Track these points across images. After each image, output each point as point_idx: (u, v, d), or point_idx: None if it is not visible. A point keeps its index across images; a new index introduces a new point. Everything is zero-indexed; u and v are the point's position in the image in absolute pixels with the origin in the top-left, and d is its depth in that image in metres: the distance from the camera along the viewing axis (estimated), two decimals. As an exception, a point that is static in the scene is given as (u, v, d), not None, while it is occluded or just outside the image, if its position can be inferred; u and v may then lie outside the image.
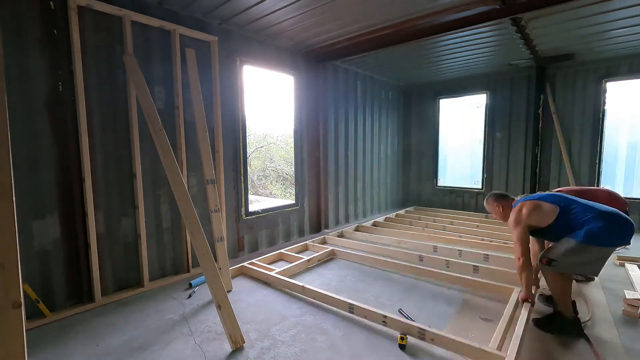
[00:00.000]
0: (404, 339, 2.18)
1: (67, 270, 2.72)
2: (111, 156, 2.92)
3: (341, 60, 5.06)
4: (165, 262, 3.35)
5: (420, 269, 3.39)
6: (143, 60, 3.07)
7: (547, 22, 3.78)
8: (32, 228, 2.52)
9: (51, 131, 2.59)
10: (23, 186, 2.45)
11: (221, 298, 2.29)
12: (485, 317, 2.57)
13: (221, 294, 2.30)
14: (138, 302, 2.87)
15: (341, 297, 2.67)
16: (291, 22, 3.64)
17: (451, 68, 5.78)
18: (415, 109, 7.35)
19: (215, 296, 2.29)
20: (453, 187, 6.93)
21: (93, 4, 2.71)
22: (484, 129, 6.46)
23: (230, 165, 3.89)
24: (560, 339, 2.27)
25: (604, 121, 5.34)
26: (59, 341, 2.30)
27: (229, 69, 3.81)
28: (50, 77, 2.57)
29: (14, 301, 1.29)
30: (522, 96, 5.96)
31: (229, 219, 3.87)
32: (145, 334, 2.38)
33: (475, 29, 3.89)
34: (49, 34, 2.56)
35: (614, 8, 3.40)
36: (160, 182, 3.24)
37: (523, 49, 4.65)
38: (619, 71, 5.17)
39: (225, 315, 2.24)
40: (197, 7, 3.27)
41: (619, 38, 4.27)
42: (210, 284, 2.33)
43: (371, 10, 3.40)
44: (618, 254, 3.89)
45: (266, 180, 11.53)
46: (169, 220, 3.36)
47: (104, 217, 2.90)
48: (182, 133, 3.34)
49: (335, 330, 2.41)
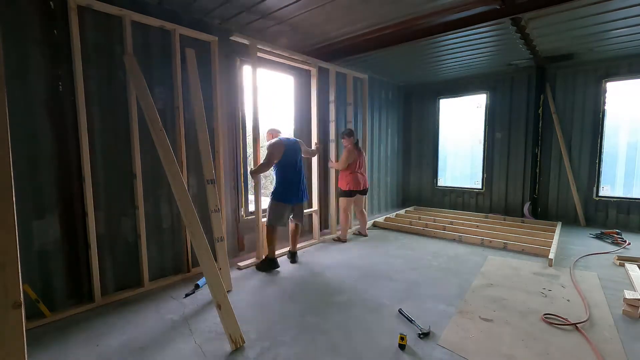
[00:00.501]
0: (404, 339, 2.18)
1: (67, 270, 2.72)
2: (111, 156, 2.92)
3: (341, 60, 5.05)
4: (165, 262, 3.35)
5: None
6: (143, 60, 3.07)
7: (547, 22, 3.78)
8: (32, 228, 2.52)
9: (51, 131, 2.59)
10: (23, 186, 2.45)
11: (221, 298, 2.29)
12: (485, 317, 2.57)
13: (221, 294, 2.30)
14: (138, 302, 2.87)
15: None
16: (291, 22, 3.64)
17: (451, 68, 5.78)
18: (416, 109, 7.35)
19: (215, 296, 2.29)
20: (453, 187, 6.93)
21: (93, 4, 2.71)
22: (484, 129, 6.46)
23: (230, 165, 3.89)
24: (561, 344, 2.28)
25: (604, 121, 5.35)
26: (59, 341, 2.30)
27: (229, 69, 3.81)
28: (50, 77, 2.57)
29: (14, 301, 1.30)
30: (522, 96, 5.96)
31: (229, 219, 3.87)
32: (145, 334, 2.38)
33: (475, 29, 3.89)
34: (49, 34, 2.56)
35: (614, 8, 3.40)
36: (160, 182, 3.24)
37: (523, 49, 4.65)
38: (619, 71, 5.17)
39: (225, 315, 2.24)
40: (197, 7, 3.27)
41: (619, 38, 4.27)
42: (210, 284, 2.33)
43: (371, 10, 3.40)
44: (618, 254, 3.89)
45: (266, 180, 11.52)
46: (169, 220, 3.36)
47: (104, 217, 2.89)
48: (182, 133, 3.34)
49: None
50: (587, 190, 5.52)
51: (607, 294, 2.95)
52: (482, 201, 6.57)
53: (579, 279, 3.29)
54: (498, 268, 3.61)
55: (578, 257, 3.91)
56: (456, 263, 3.79)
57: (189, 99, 3.38)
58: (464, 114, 6.80)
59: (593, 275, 3.37)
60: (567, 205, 5.72)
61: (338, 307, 2.77)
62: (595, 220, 5.50)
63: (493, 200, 6.43)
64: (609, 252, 4.10)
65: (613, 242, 4.49)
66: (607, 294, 2.94)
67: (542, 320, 2.51)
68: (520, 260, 3.85)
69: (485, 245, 4.41)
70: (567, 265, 3.67)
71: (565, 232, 5.11)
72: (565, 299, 2.87)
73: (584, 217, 5.52)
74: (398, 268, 3.64)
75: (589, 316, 2.54)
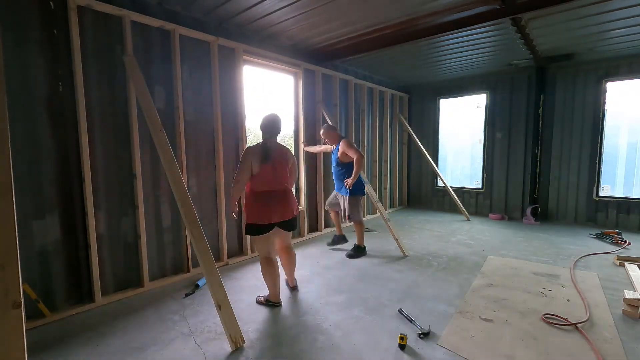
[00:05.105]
0: (404, 339, 2.18)
1: (67, 270, 2.72)
2: (111, 156, 2.92)
3: (341, 60, 5.06)
4: (165, 262, 3.35)
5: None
6: (143, 60, 3.07)
7: (547, 22, 3.78)
8: (32, 228, 2.52)
9: (51, 131, 2.59)
10: (23, 186, 2.45)
11: (221, 298, 2.28)
12: (485, 317, 2.57)
13: (221, 294, 2.30)
14: (138, 302, 2.87)
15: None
16: (291, 22, 3.64)
17: (451, 68, 5.78)
18: (416, 109, 7.35)
19: (215, 296, 2.29)
20: (453, 187, 6.93)
21: (93, 4, 2.71)
22: (484, 129, 6.46)
23: (230, 165, 3.89)
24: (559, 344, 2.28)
25: (604, 121, 5.35)
26: (59, 341, 2.30)
27: (229, 68, 3.80)
28: (50, 77, 2.57)
29: (14, 301, 1.30)
30: (522, 96, 5.96)
31: (229, 219, 3.87)
32: (145, 334, 2.38)
33: (476, 29, 3.89)
34: (49, 34, 2.55)
35: (614, 8, 3.40)
36: (160, 182, 3.24)
37: (523, 49, 4.65)
38: (619, 71, 5.17)
39: (225, 315, 2.24)
40: (197, 7, 3.27)
41: (619, 38, 4.27)
42: (210, 284, 2.33)
43: (371, 10, 3.40)
44: (618, 254, 3.89)
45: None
46: (169, 220, 3.35)
47: (104, 217, 2.89)
48: (182, 133, 3.33)
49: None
50: (587, 190, 5.53)
51: (607, 294, 2.95)
52: (482, 201, 6.58)
53: (579, 279, 3.29)
54: (498, 268, 3.61)
55: (578, 257, 3.91)
56: (456, 263, 3.79)
57: (189, 99, 3.38)
58: (464, 114, 6.80)
59: (593, 275, 3.37)
60: (567, 205, 5.72)
61: (338, 306, 2.77)
62: (595, 220, 5.50)
63: (493, 200, 6.43)
64: (609, 252, 4.10)
65: (613, 242, 4.49)
66: (607, 294, 2.94)
67: (542, 320, 2.51)
68: (520, 260, 3.85)
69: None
70: (567, 265, 3.67)
71: (566, 232, 5.11)
72: (565, 299, 2.87)
73: (584, 217, 5.52)
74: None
75: (589, 316, 2.54)
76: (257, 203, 2.58)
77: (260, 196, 2.59)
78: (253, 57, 4.01)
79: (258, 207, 2.58)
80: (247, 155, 2.58)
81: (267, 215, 2.57)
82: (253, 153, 2.58)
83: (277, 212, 2.61)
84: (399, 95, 7.07)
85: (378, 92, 6.34)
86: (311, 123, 4.91)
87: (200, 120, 3.55)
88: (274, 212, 2.59)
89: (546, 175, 5.89)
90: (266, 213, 2.57)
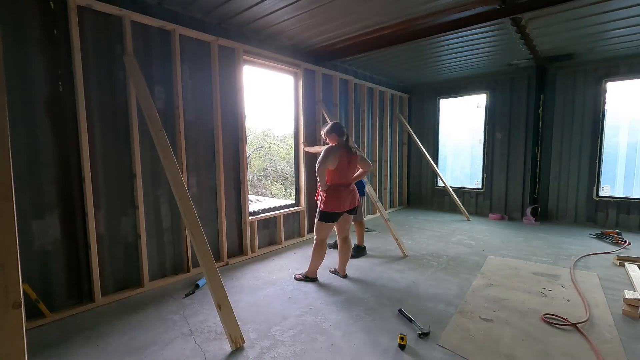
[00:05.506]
0: (404, 339, 2.18)
1: (67, 270, 2.72)
2: (111, 156, 2.92)
3: (341, 60, 5.06)
4: (165, 262, 3.35)
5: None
6: (143, 60, 3.07)
7: (547, 22, 3.78)
8: (32, 228, 2.52)
9: (51, 131, 2.59)
10: (23, 186, 2.45)
11: (221, 298, 2.28)
12: (485, 317, 2.57)
13: (221, 294, 2.30)
14: (138, 302, 2.87)
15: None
16: (291, 22, 3.64)
17: (451, 68, 5.78)
18: (415, 109, 7.35)
19: (215, 296, 2.29)
20: (453, 187, 6.93)
21: (93, 4, 2.71)
22: (484, 128, 6.47)
23: (230, 165, 3.89)
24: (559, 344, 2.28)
25: (604, 121, 5.35)
26: (59, 341, 2.30)
27: (229, 69, 3.80)
28: (50, 77, 2.57)
29: (14, 301, 1.29)
30: (522, 96, 5.96)
31: (229, 219, 3.87)
32: (145, 334, 2.38)
33: (475, 29, 3.89)
34: (49, 34, 2.55)
35: (614, 8, 3.40)
36: (160, 182, 3.24)
37: (523, 49, 4.65)
38: (619, 71, 5.17)
39: (225, 315, 2.24)
40: (197, 7, 3.27)
41: (619, 38, 4.27)
42: (210, 284, 2.33)
43: (371, 10, 3.40)
44: (618, 254, 3.89)
45: (266, 180, 11.53)
46: (169, 220, 3.35)
47: (104, 217, 2.89)
48: (182, 133, 3.34)
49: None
50: (587, 190, 5.53)
51: (607, 294, 2.95)
52: (482, 201, 6.58)
53: (579, 279, 3.29)
54: (498, 268, 3.61)
55: (578, 257, 3.91)
56: (456, 263, 3.79)
57: (189, 99, 3.38)
58: (464, 114, 6.80)
59: (593, 275, 3.37)
60: (567, 205, 5.72)
61: (338, 306, 2.77)
62: (595, 220, 5.50)
63: (493, 200, 6.43)
64: (609, 252, 4.10)
65: (613, 242, 4.49)
66: (607, 294, 2.94)
67: (542, 320, 2.51)
68: (520, 260, 3.85)
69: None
70: (567, 265, 3.67)
71: (566, 232, 5.11)
72: (565, 299, 2.87)
73: (584, 217, 5.52)
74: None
75: (589, 316, 2.54)
76: (335, 194, 3.05)
77: (337, 188, 3.07)
78: (253, 57, 4.02)
79: (335, 198, 3.04)
80: (330, 152, 3.01)
81: (342, 205, 3.07)
82: (334, 151, 3.02)
83: (347, 202, 3.11)
84: (399, 95, 7.08)
85: (378, 92, 6.34)
86: (311, 123, 4.91)
87: (200, 120, 3.56)
88: (346, 201, 3.09)
89: (546, 175, 5.89)
90: (340, 203, 3.06)
